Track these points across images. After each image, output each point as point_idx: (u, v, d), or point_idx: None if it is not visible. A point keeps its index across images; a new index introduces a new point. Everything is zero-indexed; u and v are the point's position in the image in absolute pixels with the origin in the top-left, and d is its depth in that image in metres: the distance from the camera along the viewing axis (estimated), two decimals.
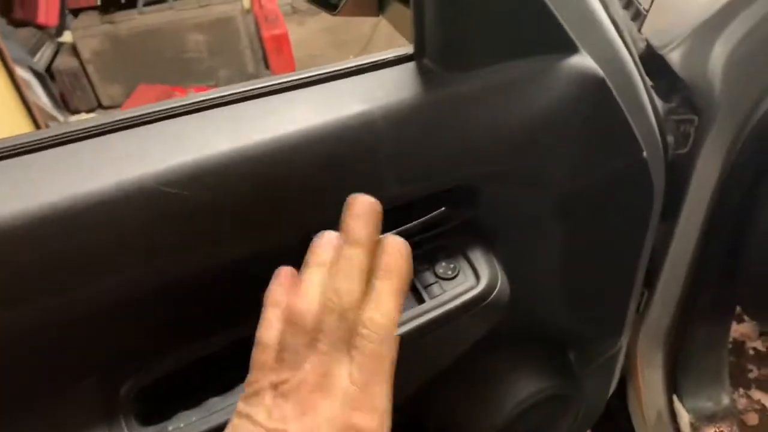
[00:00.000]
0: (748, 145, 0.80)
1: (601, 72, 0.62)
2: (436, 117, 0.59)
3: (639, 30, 0.81)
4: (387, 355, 0.43)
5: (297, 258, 0.61)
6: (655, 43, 0.77)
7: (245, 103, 0.58)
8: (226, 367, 0.62)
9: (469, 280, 0.67)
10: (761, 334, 1.32)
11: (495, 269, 0.68)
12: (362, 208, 0.47)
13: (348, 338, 0.42)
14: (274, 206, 0.56)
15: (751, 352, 1.31)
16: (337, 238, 0.47)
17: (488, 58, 0.60)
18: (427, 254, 0.69)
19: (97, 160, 0.53)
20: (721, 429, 1.11)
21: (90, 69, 3.01)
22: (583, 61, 0.62)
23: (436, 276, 0.67)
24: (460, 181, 0.64)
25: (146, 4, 2.94)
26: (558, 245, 0.76)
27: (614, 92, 0.64)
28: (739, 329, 1.30)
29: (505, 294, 0.68)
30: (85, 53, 2.97)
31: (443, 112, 0.60)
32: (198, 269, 0.56)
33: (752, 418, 1.21)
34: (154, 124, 0.56)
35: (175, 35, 2.96)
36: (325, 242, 0.48)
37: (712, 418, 1.12)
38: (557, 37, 0.61)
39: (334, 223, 0.61)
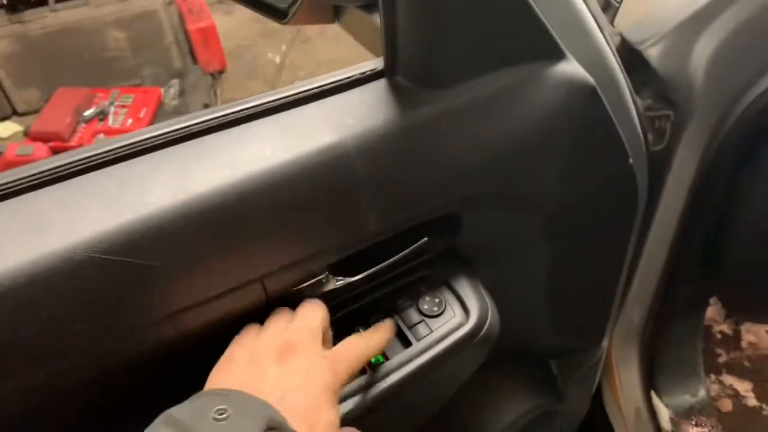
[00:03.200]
0: (728, 139, 0.77)
1: (591, 79, 0.56)
2: (415, 142, 0.52)
3: (611, 22, 0.75)
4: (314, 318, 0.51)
5: (265, 311, 0.54)
6: (631, 38, 0.72)
7: (194, 141, 0.49)
8: None
9: (458, 315, 0.60)
10: (727, 317, 1.32)
11: (484, 299, 0.62)
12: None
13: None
14: (234, 263, 0.48)
15: (719, 336, 1.30)
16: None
17: (469, 71, 0.53)
18: (410, 287, 0.62)
19: (18, 227, 0.43)
20: (699, 421, 1.09)
21: (0, 74, 2.78)
22: (571, 67, 0.56)
23: (421, 313, 0.60)
24: (443, 210, 0.57)
25: (59, 1, 2.72)
26: (544, 262, 0.70)
27: (604, 98, 0.58)
28: (706, 313, 1.28)
29: (495, 324, 0.62)
30: None
31: (422, 135, 0.52)
32: (162, 335, 0.47)
33: (726, 404, 1.20)
34: (86, 175, 0.46)
35: (93, 33, 2.75)
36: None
37: (690, 411, 1.10)
38: (544, 43, 0.54)
39: (311, 274, 0.54)
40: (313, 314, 0.51)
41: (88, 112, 2.53)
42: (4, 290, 0.40)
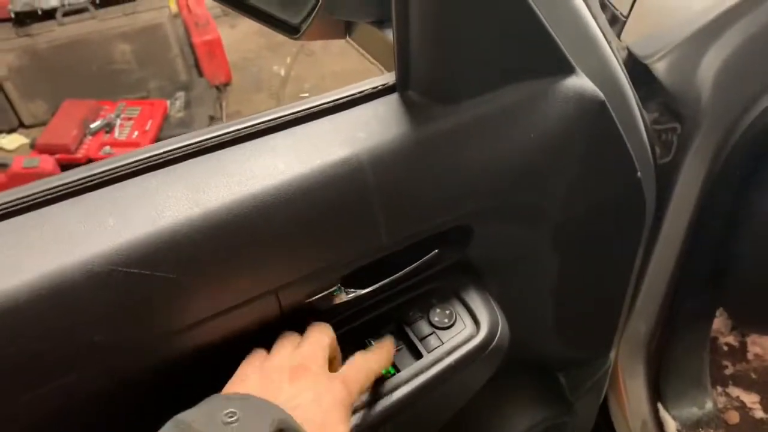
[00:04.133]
0: (735, 152, 0.77)
1: (600, 94, 0.57)
2: (427, 156, 0.53)
3: (618, 36, 0.76)
4: (321, 342, 0.51)
5: (277, 323, 0.54)
6: (638, 52, 0.73)
7: (208, 155, 0.50)
8: None
9: (468, 327, 0.61)
10: (733, 329, 1.32)
11: (494, 312, 0.62)
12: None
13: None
14: (249, 275, 0.48)
15: (725, 347, 1.30)
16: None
17: (480, 86, 0.53)
18: (420, 299, 0.63)
19: (37, 239, 0.44)
20: None
21: (8, 86, 2.79)
22: (580, 82, 0.56)
23: (432, 325, 0.61)
24: (454, 223, 0.57)
25: (66, 15, 2.74)
26: (552, 274, 0.71)
27: (612, 113, 0.59)
28: (714, 326, 1.28)
29: (506, 336, 0.62)
30: (1, 70, 2.76)
31: (434, 149, 0.53)
32: (176, 346, 0.48)
33: (733, 417, 1.20)
34: (104, 189, 0.47)
35: (100, 46, 2.77)
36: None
37: (697, 424, 1.10)
38: (554, 58, 0.55)
39: (324, 285, 0.55)
40: (321, 336, 0.52)
41: (94, 125, 2.54)
42: (24, 302, 0.41)
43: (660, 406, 1.09)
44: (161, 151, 0.49)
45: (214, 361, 0.50)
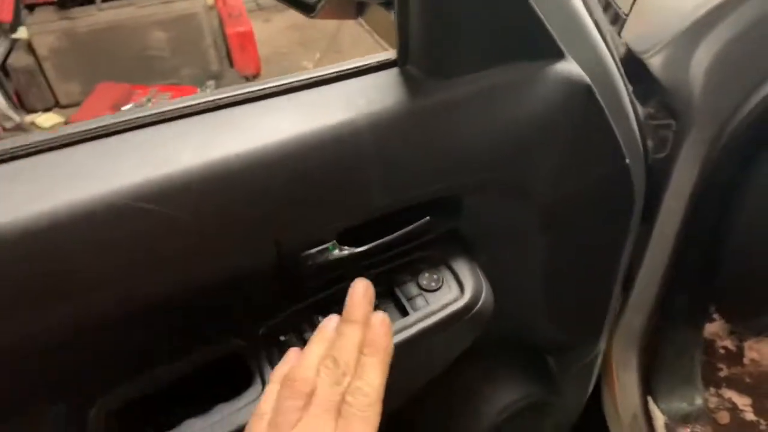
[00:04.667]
0: (726, 149, 0.80)
1: (587, 79, 0.61)
2: (421, 125, 0.57)
3: (619, 34, 0.80)
4: (370, 422, 0.45)
5: (275, 278, 0.59)
6: (636, 47, 0.77)
7: (221, 111, 0.55)
8: (201, 388, 0.59)
9: (453, 291, 0.65)
10: (731, 333, 1.34)
11: (479, 280, 0.66)
12: (360, 291, 0.53)
13: (338, 404, 0.45)
14: (252, 222, 0.53)
15: (722, 351, 1.32)
16: (338, 318, 0.52)
17: (473, 64, 0.58)
18: (411, 265, 0.67)
19: (62, 173, 0.49)
20: (694, 429, 1.12)
21: (47, 66, 2.91)
22: (569, 67, 0.61)
23: (420, 288, 0.65)
24: (445, 192, 0.62)
25: (105, 0, 2.85)
26: (540, 254, 0.75)
27: (600, 99, 0.63)
28: (710, 328, 1.31)
29: (489, 304, 0.67)
30: (42, 50, 2.87)
31: (428, 120, 0.58)
32: (173, 288, 0.53)
33: (724, 417, 1.22)
34: (123, 134, 0.53)
35: (136, 32, 2.88)
36: (328, 322, 0.52)
37: (686, 419, 1.13)
38: (544, 43, 0.59)
39: (319, 239, 0.59)
40: (377, 375, 0.47)
41: (126, 107, 2.63)
42: (46, 227, 0.46)
43: (650, 399, 1.12)
44: (179, 106, 0.54)
45: (216, 297, 0.55)
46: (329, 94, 0.57)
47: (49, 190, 0.48)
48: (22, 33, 2.96)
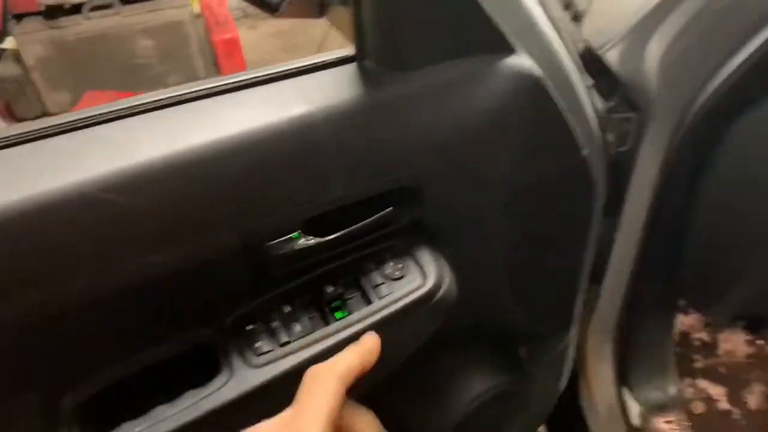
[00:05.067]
0: (685, 140, 0.83)
1: (537, 71, 0.64)
2: (377, 117, 0.60)
3: (579, 30, 0.83)
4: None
5: (241, 268, 0.61)
6: (594, 43, 0.79)
7: (184, 105, 0.57)
8: (172, 375, 0.61)
9: (417, 279, 0.67)
10: (706, 325, 1.36)
11: (442, 268, 0.69)
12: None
13: None
14: (213, 211, 0.55)
15: (697, 342, 1.34)
16: None
17: (427, 59, 0.60)
18: (376, 255, 0.69)
19: (32, 165, 0.51)
20: (669, 419, 1.14)
21: (35, 76, 2.93)
22: (519, 60, 0.63)
23: (384, 276, 0.67)
24: (404, 182, 0.64)
25: (92, 9, 2.87)
26: (503, 244, 0.77)
27: (552, 91, 0.65)
28: (685, 321, 1.34)
29: (452, 292, 0.69)
30: (30, 59, 2.89)
31: (384, 112, 0.60)
32: (140, 277, 0.55)
33: (698, 407, 1.25)
34: (93, 128, 0.55)
35: (123, 41, 2.90)
36: None
37: (660, 408, 1.15)
38: (493, 38, 0.62)
39: (283, 229, 0.61)
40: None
41: None
42: (18, 215, 0.48)
43: (625, 389, 1.14)
44: (144, 101, 0.57)
45: (178, 287, 0.57)
46: (288, 88, 0.59)
47: (20, 181, 0.50)
48: (9, 43, 2.98)
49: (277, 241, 0.61)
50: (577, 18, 0.85)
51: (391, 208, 0.67)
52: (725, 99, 0.78)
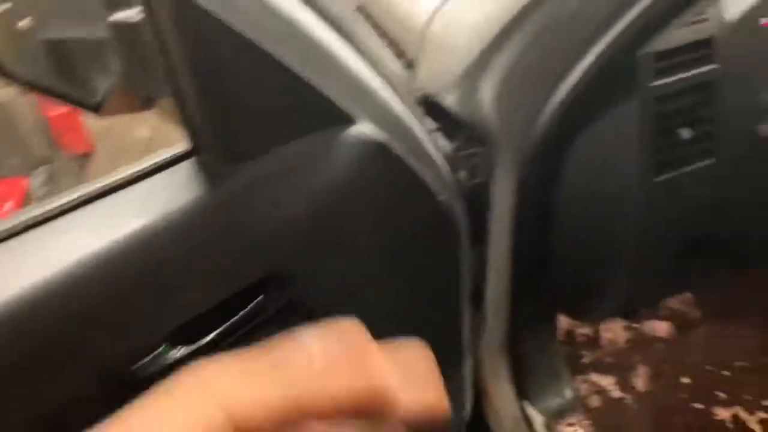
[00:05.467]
0: (530, 165, 0.87)
1: (379, 135, 0.63)
2: (223, 215, 0.57)
3: (415, 77, 0.84)
4: None
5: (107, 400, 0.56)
6: (431, 88, 0.81)
7: (7, 242, 0.52)
8: None
9: None
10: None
11: None
12: None
13: None
14: (63, 350, 0.50)
15: (582, 338, 1.41)
16: None
17: (265, 144, 0.58)
18: (253, 342, 0.66)
19: None
20: (571, 422, 1.18)
21: None
22: (361, 128, 0.63)
23: None
24: (263, 273, 0.62)
25: None
26: (386, 302, 0.76)
27: (397, 150, 0.66)
28: (568, 320, 1.39)
29: None
30: None
31: (229, 208, 0.57)
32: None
33: (594, 400, 1.31)
34: None
35: None
36: None
37: (561, 414, 1.19)
38: (331, 112, 0.61)
39: (147, 347, 0.57)
40: None
41: None
42: None
43: (526, 403, 1.17)
44: None
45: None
46: (124, 200, 0.55)
47: None
48: None
49: (143, 361, 0.57)
50: (411, 65, 0.87)
51: (261, 297, 0.64)
52: (560, 122, 0.82)
